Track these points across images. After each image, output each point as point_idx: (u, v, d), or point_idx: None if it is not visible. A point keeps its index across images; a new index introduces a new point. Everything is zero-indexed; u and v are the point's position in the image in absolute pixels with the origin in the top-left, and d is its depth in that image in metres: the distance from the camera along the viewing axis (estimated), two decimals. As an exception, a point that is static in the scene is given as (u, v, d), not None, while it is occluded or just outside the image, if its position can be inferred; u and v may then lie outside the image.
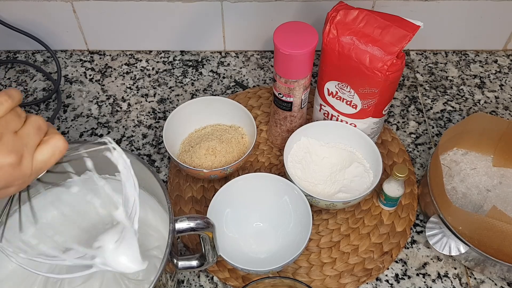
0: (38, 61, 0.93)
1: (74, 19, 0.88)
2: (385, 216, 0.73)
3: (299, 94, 0.69)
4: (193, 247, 0.70)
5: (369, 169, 0.72)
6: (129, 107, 0.86)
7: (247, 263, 0.63)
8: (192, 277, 0.68)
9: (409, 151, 0.81)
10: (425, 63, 0.93)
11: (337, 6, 0.65)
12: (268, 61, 0.93)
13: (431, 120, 0.85)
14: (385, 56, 0.62)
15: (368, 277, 0.67)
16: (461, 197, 0.72)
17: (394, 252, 0.69)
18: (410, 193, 0.75)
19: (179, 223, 0.52)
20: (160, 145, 0.81)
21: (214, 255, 0.58)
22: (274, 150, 0.80)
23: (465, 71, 0.92)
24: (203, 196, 0.75)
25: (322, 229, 0.72)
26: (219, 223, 0.67)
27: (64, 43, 0.93)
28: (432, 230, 0.66)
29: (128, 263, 0.44)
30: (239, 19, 0.88)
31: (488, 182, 0.74)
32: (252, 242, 0.69)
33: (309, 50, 0.63)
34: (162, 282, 0.52)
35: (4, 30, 0.87)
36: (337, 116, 0.74)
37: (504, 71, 0.92)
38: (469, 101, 0.87)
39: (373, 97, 0.68)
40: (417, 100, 0.88)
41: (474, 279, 0.67)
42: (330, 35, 0.65)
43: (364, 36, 0.63)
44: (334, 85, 0.70)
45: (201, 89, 0.89)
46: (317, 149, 0.75)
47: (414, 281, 0.67)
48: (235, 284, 0.66)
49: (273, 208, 0.70)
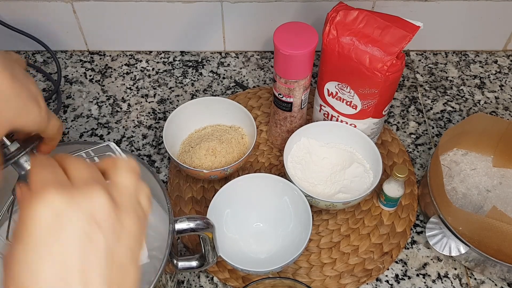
0: (38, 62, 0.93)
1: (74, 20, 0.88)
2: (385, 216, 0.73)
3: (299, 94, 0.69)
4: (193, 247, 0.70)
5: (369, 170, 0.72)
6: (129, 108, 0.86)
7: (247, 263, 0.63)
8: (192, 277, 0.68)
9: (409, 152, 0.81)
10: (425, 64, 0.93)
11: (337, 7, 0.65)
12: (268, 62, 0.93)
13: (431, 121, 0.85)
14: (385, 57, 0.62)
15: (368, 278, 0.67)
16: (461, 197, 0.72)
17: (394, 253, 0.69)
18: (410, 194, 0.75)
19: (179, 224, 0.52)
20: (160, 146, 0.81)
21: (214, 255, 0.58)
22: (274, 150, 0.80)
23: (465, 72, 0.92)
24: (203, 197, 0.75)
25: (322, 230, 0.72)
26: (219, 224, 0.67)
27: (64, 44, 0.93)
28: (432, 230, 0.66)
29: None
30: (239, 20, 0.88)
31: (488, 183, 0.74)
32: (252, 242, 0.69)
33: (309, 50, 0.63)
34: (162, 282, 0.52)
35: (4, 30, 0.87)
36: (337, 116, 0.74)
37: (504, 71, 0.92)
38: (469, 102, 0.87)
39: (373, 97, 0.68)
40: (417, 100, 0.88)
41: (474, 280, 0.67)
42: (330, 35, 0.65)
43: (364, 36, 0.63)
44: (334, 85, 0.70)
45: (201, 89, 0.89)
46: (317, 149, 0.75)
47: (414, 281, 0.67)
48: (235, 285, 0.66)
49: (273, 208, 0.70)
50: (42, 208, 0.28)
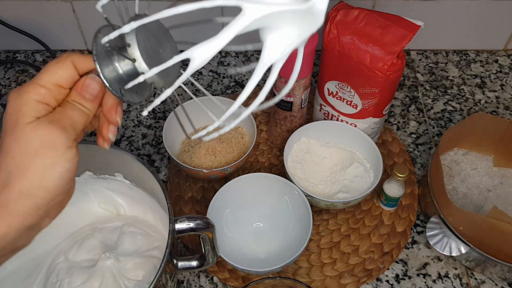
0: (37, 61, 0.93)
1: (74, 19, 0.88)
2: (386, 216, 0.72)
3: (299, 94, 0.69)
4: (193, 247, 0.70)
5: (369, 169, 0.72)
6: (129, 107, 0.86)
7: (247, 263, 0.62)
8: (192, 277, 0.67)
9: (409, 151, 0.81)
10: (425, 63, 0.93)
11: (337, 6, 0.65)
12: (268, 61, 0.93)
13: (432, 120, 0.84)
14: (385, 56, 0.62)
15: (369, 278, 0.67)
16: (462, 197, 0.72)
17: (394, 253, 0.69)
18: (411, 193, 0.75)
19: (179, 224, 0.52)
20: (160, 145, 0.81)
21: (214, 255, 0.57)
22: (274, 150, 0.80)
23: (465, 71, 0.91)
24: (203, 196, 0.75)
25: (322, 229, 0.72)
26: (219, 224, 0.67)
27: (63, 43, 0.93)
28: (432, 230, 0.66)
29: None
30: (239, 19, 0.87)
31: (489, 182, 0.73)
32: (252, 242, 0.69)
33: (309, 50, 0.63)
34: (162, 282, 0.52)
35: (4, 30, 0.87)
36: (337, 116, 0.74)
37: (504, 71, 0.91)
38: (470, 101, 0.87)
39: (374, 97, 0.67)
40: (418, 100, 0.87)
41: (475, 280, 0.67)
42: (330, 34, 0.65)
43: (365, 35, 0.63)
44: (334, 85, 0.70)
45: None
46: (317, 149, 0.75)
47: (415, 281, 0.67)
48: (235, 285, 0.66)
49: (273, 208, 0.70)
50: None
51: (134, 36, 0.32)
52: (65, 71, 0.35)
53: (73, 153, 0.35)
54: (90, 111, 0.37)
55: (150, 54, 0.33)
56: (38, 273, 0.62)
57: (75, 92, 0.36)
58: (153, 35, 0.34)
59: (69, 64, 0.36)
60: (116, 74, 0.35)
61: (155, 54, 0.34)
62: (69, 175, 0.35)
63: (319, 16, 0.27)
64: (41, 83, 0.34)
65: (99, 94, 0.37)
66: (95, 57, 0.33)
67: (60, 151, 0.34)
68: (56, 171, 0.34)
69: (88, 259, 0.62)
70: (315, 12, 0.27)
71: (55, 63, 0.35)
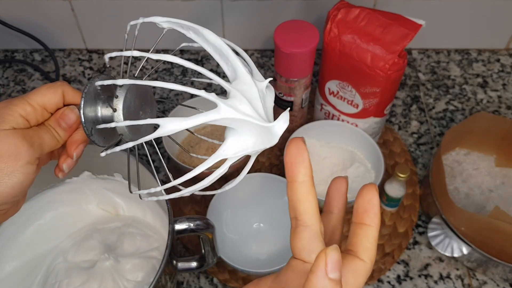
0: (36, 60, 0.92)
1: (73, 18, 0.88)
2: (387, 217, 0.72)
3: (300, 93, 0.69)
4: (193, 248, 0.70)
5: (370, 169, 0.72)
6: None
7: (247, 264, 0.62)
8: (191, 278, 0.67)
9: (411, 151, 0.80)
10: (427, 62, 0.92)
11: (338, 5, 0.65)
12: (268, 60, 0.92)
13: (433, 120, 0.84)
14: (386, 55, 0.62)
15: (370, 279, 0.67)
16: (464, 197, 0.72)
17: (395, 253, 0.69)
18: (412, 194, 0.74)
19: (179, 224, 0.51)
20: (160, 145, 0.81)
21: (214, 256, 0.57)
22: (274, 150, 0.80)
23: (467, 70, 0.91)
24: (203, 197, 0.74)
25: (323, 230, 0.71)
26: (219, 224, 0.66)
27: (62, 42, 0.93)
28: (434, 231, 0.66)
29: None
30: (239, 18, 0.87)
31: (491, 183, 0.73)
32: (252, 243, 0.69)
33: (310, 49, 0.62)
34: (161, 283, 0.52)
35: (2, 29, 0.86)
36: (338, 115, 0.74)
37: (506, 70, 0.91)
38: (472, 101, 0.87)
39: (375, 96, 0.67)
40: (419, 99, 0.87)
41: (477, 280, 0.67)
42: (331, 33, 0.64)
43: (366, 34, 0.63)
44: (335, 84, 0.70)
45: (200, 88, 0.88)
46: (318, 149, 0.75)
47: (416, 282, 0.67)
48: (235, 286, 0.66)
49: (274, 208, 0.70)
50: None
51: (125, 91, 0.36)
52: (54, 96, 0.39)
53: (32, 169, 0.37)
54: (61, 138, 0.40)
55: (131, 111, 0.37)
56: (37, 274, 0.62)
57: (54, 118, 0.40)
58: (140, 97, 0.38)
59: (59, 92, 0.39)
60: (94, 114, 0.38)
61: (135, 113, 0.38)
62: (21, 187, 0.37)
63: (275, 137, 0.31)
64: (30, 101, 0.38)
65: (73, 125, 0.40)
66: (84, 94, 0.36)
67: (21, 162, 0.36)
68: (10, 180, 0.36)
69: (87, 260, 0.62)
70: (273, 132, 0.31)
71: (48, 88, 0.39)
